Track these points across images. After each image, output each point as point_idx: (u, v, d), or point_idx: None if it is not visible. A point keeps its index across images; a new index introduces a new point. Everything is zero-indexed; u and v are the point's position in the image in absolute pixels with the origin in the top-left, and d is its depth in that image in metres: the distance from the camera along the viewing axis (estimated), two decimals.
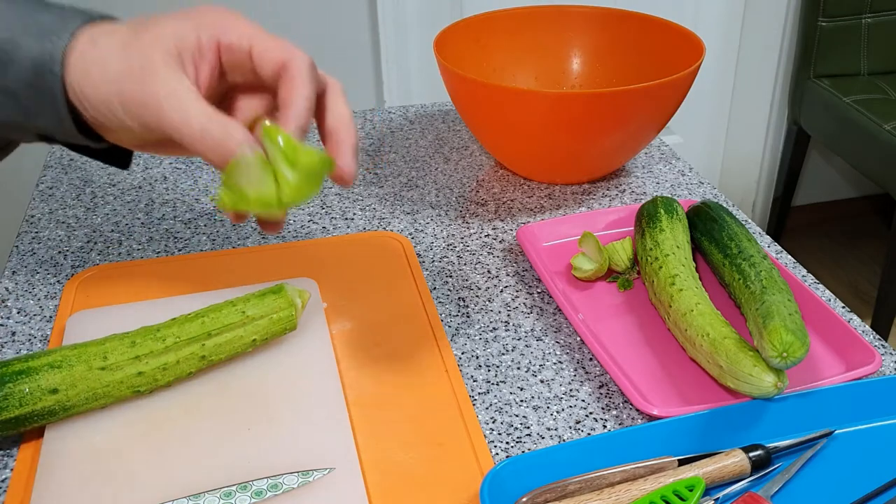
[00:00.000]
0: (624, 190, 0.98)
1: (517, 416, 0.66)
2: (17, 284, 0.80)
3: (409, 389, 0.67)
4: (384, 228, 0.90)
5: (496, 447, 0.63)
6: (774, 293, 0.67)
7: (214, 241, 0.87)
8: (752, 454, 0.59)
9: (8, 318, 0.76)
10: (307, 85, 0.49)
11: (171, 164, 1.02)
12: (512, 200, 0.95)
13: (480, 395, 0.68)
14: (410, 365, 0.70)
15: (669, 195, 0.95)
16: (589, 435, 0.64)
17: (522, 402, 0.67)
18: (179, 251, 0.85)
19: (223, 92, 0.52)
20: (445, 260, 0.85)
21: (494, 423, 0.65)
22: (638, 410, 0.66)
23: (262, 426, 0.63)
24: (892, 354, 0.71)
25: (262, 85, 0.52)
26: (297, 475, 0.59)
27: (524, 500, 0.55)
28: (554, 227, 0.86)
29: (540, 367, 0.71)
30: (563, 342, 0.73)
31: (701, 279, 0.74)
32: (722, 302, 0.75)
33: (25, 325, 0.75)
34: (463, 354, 0.72)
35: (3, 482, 0.60)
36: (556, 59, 1.09)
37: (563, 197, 0.96)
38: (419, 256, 0.85)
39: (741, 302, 0.71)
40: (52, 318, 0.76)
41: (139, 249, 0.86)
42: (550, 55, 1.09)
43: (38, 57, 0.46)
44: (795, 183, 2.33)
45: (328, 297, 0.77)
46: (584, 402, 0.67)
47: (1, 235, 1.61)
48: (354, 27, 1.88)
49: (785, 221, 2.41)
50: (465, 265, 0.84)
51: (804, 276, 0.82)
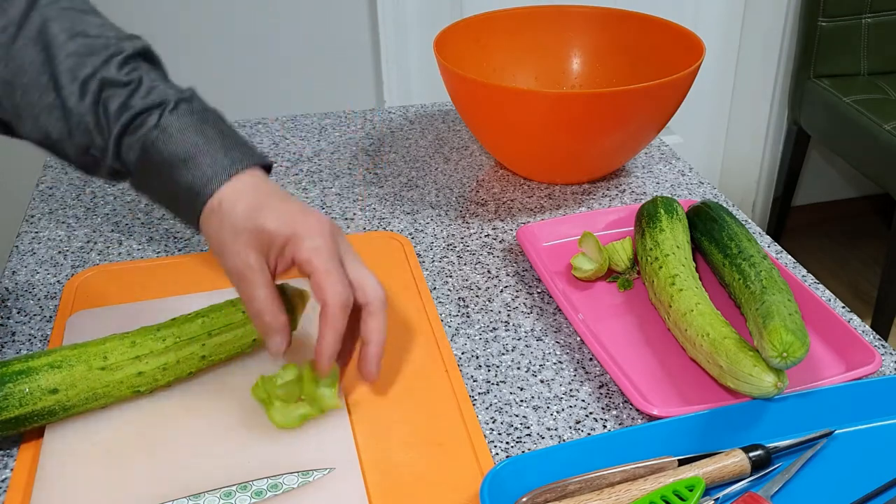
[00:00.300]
0: (624, 190, 0.98)
1: (517, 416, 0.66)
2: (17, 284, 0.80)
3: (409, 389, 0.67)
4: (384, 228, 0.90)
5: (496, 447, 0.63)
6: (774, 293, 0.67)
7: None
8: (752, 454, 0.59)
9: (8, 318, 0.76)
10: (334, 327, 0.60)
11: None
12: (512, 200, 0.95)
13: (480, 395, 0.68)
14: (410, 365, 0.70)
15: (669, 195, 0.95)
16: (589, 435, 0.64)
17: (522, 402, 0.67)
18: (179, 251, 0.85)
19: None
20: (445, 260, 0.85)
21: (494, 423, 0.65)
22: (638, 410, 0.66)
23: (261, 426, 0.63)
24: (892, 354, 0.71)
25: None
26: (297, 475, 0.59)
27: (524, 500, 0.55)
28: (554, 227, 0.86)
29: (540, 367, 0.71)
30: (563, 342, 0.73)
31: (701, 279, 0.74)
32: (722, 302, 0.75)
33: (25, 325, 0.75)
34: (463, 354, 0.72)
35: (3, 482, 0.60)
36: (556, 59, 1.09)
37: (563, 197, 0.96)
38: (419, 256, 0.85)
39: (741, 302, 0.71)
40: (52, 318, 0.76)
41: (139, 249, 0.86)
42: (550, 55, 1.09)
43: (190, 185, 0.60)
44: (795, 183, 2.33)
45: None
46: (584, 402, 0.67)
47: (1, 235, 1.61)
48: (354, 27, 1.87)
49: (785, 221, 2.41)
50: (465, 265, 0.84)
51: (804, 276, 0.82)
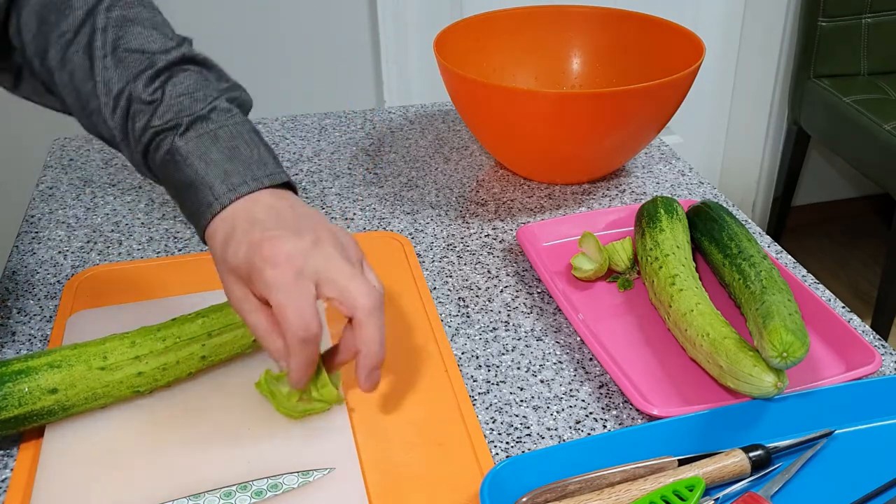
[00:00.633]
0: (624, 190, 0.98)
1: (517, 416, 0.66)
2: (17, 284, 0.80)
3: (409, 389, 0.67)
4: (384, 228, 0.90)
5: (496, 447, 0.63)
6: (774, 293, 0.67)
7: None
8: (752, 454, 0.59)
9: (8, 318, 0.76)
10: (297, 358, 0.58)
11: None
12: (512, 200, 0.95)
13: (480, 395, 0.68)
14: (410, 365, 0.70)
15: (669, 195, 0.95)
16: (589, 435, 0.64)
17: (522, 402, 0.67)
18: (179, 251, 0.85)
19: None
20: (445, 260, 0.85)
21: (494, 423, 0.65)
22: (638, 410, 0.66)
23: (261, 426, 0.63)
24: (892, 354, 0.71)
25: None
26: (297, 475, 0.59)
27: (524, 500, 0.55)
28: (554, 227, 0.86)
29: (540, 367, 0.71)
30: (563, 342, 0.73)
31: (701, 279, 0.74)
32: (722, 302, 0.75)
33: (25, 325, 0.75)
34: (463, 354, 0.72)
35: (3, 482, 0.60)
36: (556, 59, 1.09)
37: (563, 197, 0.96)
38: (419, 256, 0.85)
39: (741, 302, 0.71)
40: (52, 318, 0.76)
41: (139, 249, 0.86)
42: (550, 55, 1.09)
43: (193, 213, 0.61)
44: (795, 183, 2.33)
45: None
46: (584, 402, 0.67)
47: (1, 235, 1.61)
48: (354, 27, 1.87)
49: (785, 221, 2.41)
50: (465, 265, 0.84)
51: (804, 276, 0.82)
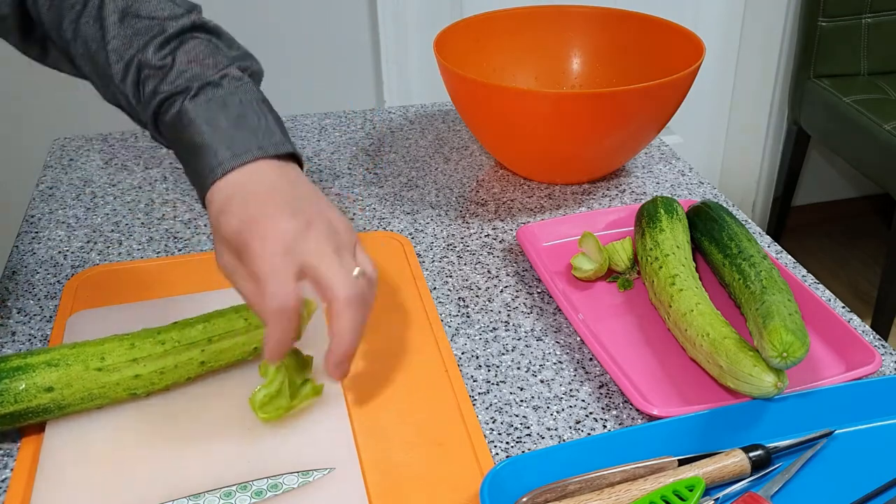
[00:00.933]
0: (624, 190, 0.98)
1: (517, 416, 0.66)
2: (17, 284, 0.80)
3: (409, 389, 0.67)
4: (384, 228, 0.90)
5: (496, 447, 0.63)
6: (774, 293, 0.67)
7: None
8: (752, 454, 0.59)
9: (8, 318, 0.76)
10: (274, 333, 0.58)
11: (171, 164, 1.02)
12: (512, 200, 0.95)
13: (480, 395, 0.68)
14: (410, 365, 0.70)
15: (669, 195, 0.95)
16: (589, 435, 0.64)
17: (522, 402, 0.67)
18: (179, 251, 0.85)
19: None
20: (445, 260, 0.85)
21: (494, 423, 0.65)
22: (638, 410, 0.66)
23: (261, 426, 0.63)
24: (892, 354, 0.71)
25: None
26: (297, 475, 0.59)
27: (524, 500, 0.55)
28: (554, 227, 0.86)
29: (540, 367, 0.71)
30: (563, 342, 0.73)
31: (701, 279, 0.74)
32: (722, 302, 0.75)
33: (25, 325, 0.75)
34: (463, 354, 0.72)
35: (3, 482, 0.60)
36: (556, 59, 1.09)
37: (563, 197, 0.96)
38: (419, 256, 0.85)
39: (741, 302, 0.71)
40: (52, 318, 0.76)
41: (139, 249, 0.86)
42: (550, 55, 1.09)
43: (199, 174, 0.61)
44: (795, 183, 2.33)
45: None
46: (584, 402, 0.67)
47: (1, 235, 1.61)
48: (354, 27, 1.87)
49: (785, 221, 2.41)
50: (465, 265, 0.84)
51: (804, 276, 0.82)
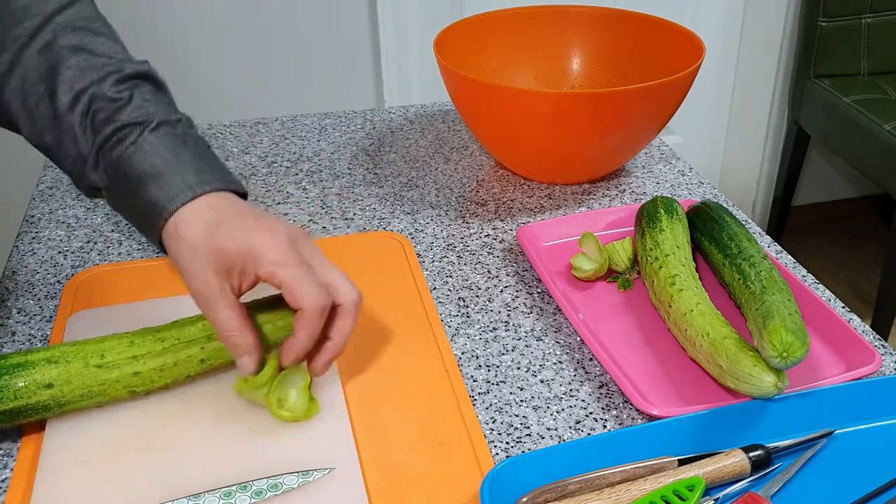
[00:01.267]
0: (624, 190, 0.98)
1: (517, 416, 0.66)
2: (17, 284, 0.80)
3: (409, 389, 0.67)
4: (384, 228, 0.90)
5: (496, 447, 0.63)
6: (774, 293, 0.67)
7: None
8: (752, 454, 0.59)
9: (8, 318, 0.76)
10: (310, 329, 0.61)
11: None
12: (512, 200, 0.95)
13: (480, 395, 0.68)
14: (410, 365, 0.70)
15: (669, 195, 0.95)
16: (589, 435, 0.64)
17: (522, 402, 0.67)
18: None
19: None
20: (445, 260, 0.85)
21: (494, 423, 0.65)
22: (638, 410, 0.66)
23: (261, 426, 0.63)
24: (892, 354, 0.71)
25: None
26: (297, 475, 0.59)
27: (524, 500, 0.55)
28: (554, 227, 0.86)
29: (540, 367, 0.71)
30: (563, 342, 0.73)
31: (701, 279, 0.74)
32: (722, 302, 0.75)
33: (25, 325, 0.75)
34: (463, 354, 0.72)
35: (3, 482, 0.60)
36: (556, 59, 1.09)
37: (563, 197, 0.96)
38: (419, 256, 0.85)
39: (741, 302, 0.71)
40: (52, 318, 0.76)
41: (139, 249, 0.86)
42: (550, 55, 1.09)
43: (154, 203, 0.60)
44: (795, 183, 2.33)
45: None
46: (584, 402, 0.67)
47: (1, 235, 1.61)
48: (354, 27, 1.87)
49: (785, 221, 2.41)
50: (465, 265, 0.84)
51: (804, 276, 0.82)
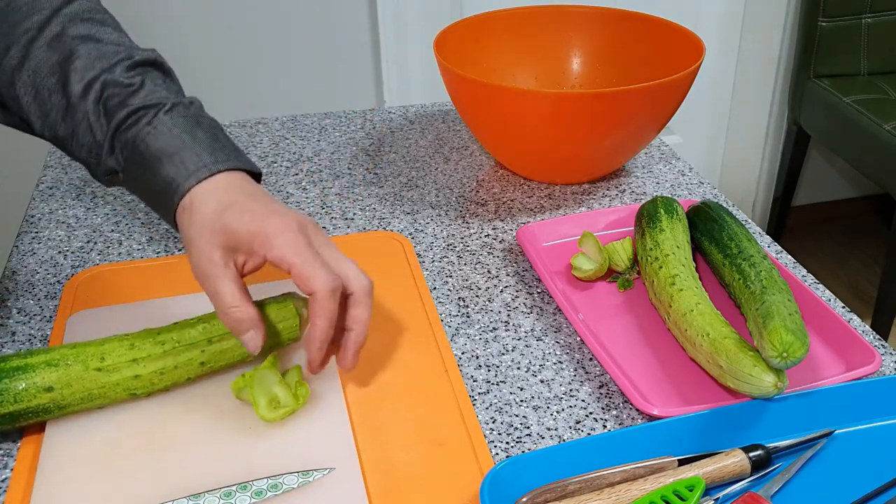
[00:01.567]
0: (624, 190, 0.98)
1: (517, 416, 0.66)
2: (17, 284, 0.80)
3: (409, 389, 0.67)
4: (384, 228, 0.90)
5: (496, 447, 0.63)
6: (774, 293, 0.67)
7: None
8: (752, 454, 0.59)
9: (8, 318, 0.76)
10: (325, 313, 0.60)
11: None
12: (512, 200, 0.95)
13: (480, 395, 0.68)
14: (410, 365, 0.70)
15: (669, 195, 0.95)
16: (589, 435, 0.64)
17: (522, 402, 0.67)
18: (179, 251, 0.85)
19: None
20: (445, 260, 0.85)
21: (494, 423, 0.65)
22: (638, 410, 0.66)
23: (262, 426, 0.63)
24: (892, 354, 0.71)
25: None
26: (297, 475, 0.59)
27: (524, 500, 0.55)
28: (554, 227, 0.86)
29: (540, 367, 0.71)
30: (563, 342, 0.73)
31: (701, 279, 0.74)
32: (722, 302, 0.75)
33: (25, 325, 0.75)
34: (463, 354, 0.72)
35: (3, 482, 0.60)
36: (556, 59, 1.09)
37: (563, 197, 0.96)
38: (419, 256, 0.85)
39: (741, 302, 0.71)
40: (52, 318, 0.76)
41: (139, 249, 0.86)
42: (550, 55, 1.09)
43: (170, 180, 0.61)
44: (795, 183, 2.33)
45: None
46: (584, 402, 0.67)
47: (1, 235, 1.61)
48: (354, 27, 1.87)
49: (785, 221, 2.41)
50: (465, 265, 0.84)
51: (804, 276, 0.82)
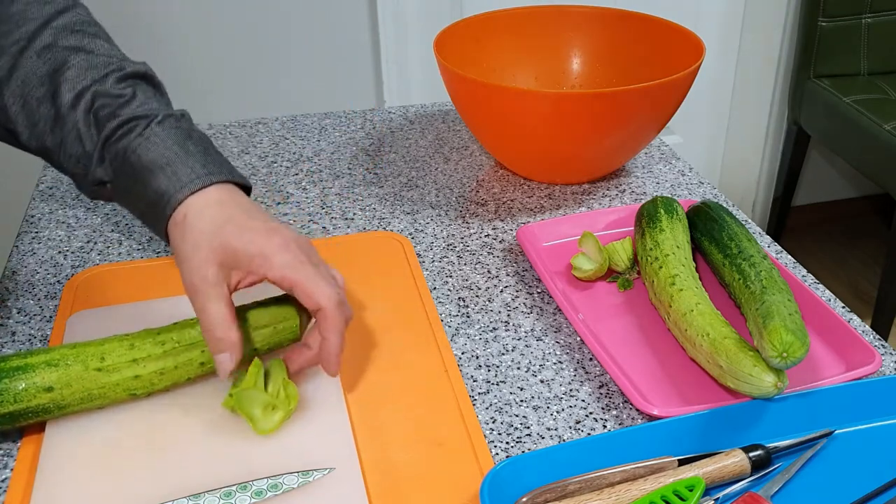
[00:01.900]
0: (624, 190, 0.98)
1: (517, 416, 0.66)
2: (17, 284, 0.80)
3: (409, 389, 0.67)
4: (384, 228, 0.90)
5: (496, 447, 0.63)
6: (774, 293, 0.67)
7: None
8: (752, 454, 0.59)
9: (8, 318, 0.76)
10: (335, 326, 0.61)
11: None
12: (512, 200, 0.95)
13: (480, 395, 0.68)
14: (410, 365, 0.70)
15: (669, 195, 0.95)
16: (589, 435, 0.64)
17: (522, 402, 0.67)
18: None
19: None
20: (445, 260, 0.85)
21: (494, 423, 0.65)
22: (638, 410, 0.66)
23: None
24: (892, 354, 0.71)
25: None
26: (297, 475, 0.59)
27: (524, 500, 0.55)
28: (554, 227, 0.86)
29: (540, 367, 0.71)
30: (563, 342, 0.73)
31: (701, 279, 0.74)
32: (722, 302, 0.75)
33: (25, 325, 0.75)
34: (463, 354, 0.72)
35: (3, 482, 0.60)
36: (556, 59, 1.09)
37: (563, 197, 0.96)
38: (419, 256, 0.85)
39: (741, 302, 0.71)
40: (52, 318, 0.76)
41: (139, 249, 0.86)
42: (550, 55, 1.09)
43: (162, 192, 0.61)
44: (795, 183, 2.33)
45: None
46: (584, 402, 0.67)
47: (1, 235, 1.61)
48: (354, 27, 1.88)
49: (785, 221, 2.41)
50: (465, 265, 0.84)
51: (804, 276, 0.82)
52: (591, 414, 0.66)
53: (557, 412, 0.66)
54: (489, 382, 0.69)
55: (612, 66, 1.07)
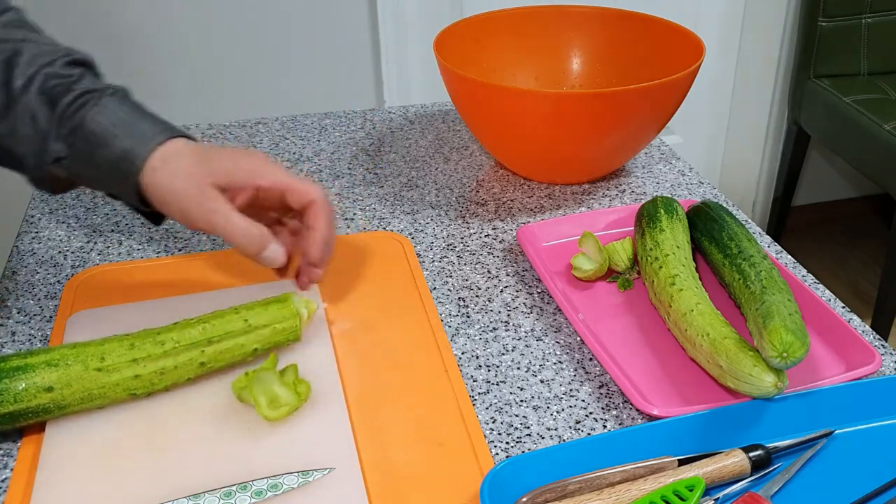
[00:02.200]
0: (624, 190, 0.98)
1: (517, 416, 0.66)
2: (17, 284, 0.80)
3: (409, 389, 0.67)
4: (384, 228, 0.90)
5: (496, 447, 0.63)
6: (774, 293, 0.67)
7: (214, 240, 0.87)
8: (752, 454, 0.59)
9: (8, 318, 0.76)
10: (327, 215, 0.68)
11: None
12: (512, 200, 0.95)
13: (480, 395, 0.68)
14: (410, 365, 0.70)
15: (669, 195, 0.95)
16: (589, 435, 0.64)
17: (522, 402, 0.67)
18: (179, 251, 0.85)
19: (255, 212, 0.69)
20: (445, 260, 0.85)
21: (494, 423, 0.65)
22: (638, 410, 0.66)
23: (262, 426, 0.63)
24: (892, 354, 0.71)
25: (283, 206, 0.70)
26: (297, 475, 0.59)
27: (524, 500, 0.55)
28: (554, 227, 0.86)
29: (540, 367, 0.71)
30: (563, 342, 0.73)
31: (701, 279, 0.74)
32: (722, 302, 0.75)
33: (25, 325, 0.75)
34: (463, 354, 0.72)
35: (3, 482, 0.60)
36: (556, 59, 1.09)
37: (563, 197, 0.96)
38: (419, 256, 0.85)
39: (741, 302, 0.71)
40: (52, 318, 0.76)
41: (139, 249, 0.86)
42: (550, 55, 1.09)
43: (127, 150, 0.64)
44: (795, 183, 2.33)
45: (328, 297, 0.77)
46: (584, 402, 0.67)
47: (1, 235, 1.61)
48: (354, 27, 1.87)
49: (785, 221, 2.41)
50: (465, 265, 0.84)
51: (804, 276, 0.82)
52: (591, 414, 0.66)
53: (557, 412, 0.66)
54: (489, 382, 0.69)
55: (612, 66, 1.07)
